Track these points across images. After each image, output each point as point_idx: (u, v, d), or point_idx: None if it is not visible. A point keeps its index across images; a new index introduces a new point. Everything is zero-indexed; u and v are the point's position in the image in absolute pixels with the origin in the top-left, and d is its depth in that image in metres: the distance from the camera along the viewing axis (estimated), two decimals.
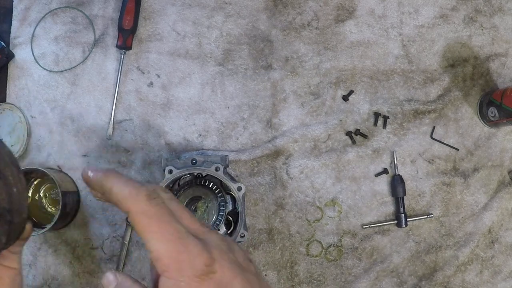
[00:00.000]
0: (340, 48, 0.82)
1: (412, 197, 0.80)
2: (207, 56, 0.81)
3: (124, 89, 0.80)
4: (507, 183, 0.81)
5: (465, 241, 0.79)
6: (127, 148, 0.79)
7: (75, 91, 0.80)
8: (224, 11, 0.81)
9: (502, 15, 0.84)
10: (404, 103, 0.81)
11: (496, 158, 0.81)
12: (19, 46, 0.80)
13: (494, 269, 0.79)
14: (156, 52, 0.80)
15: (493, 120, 0.78)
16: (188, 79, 0.80)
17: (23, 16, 0.81)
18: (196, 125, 0.79)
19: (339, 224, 0.79)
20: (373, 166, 0.80)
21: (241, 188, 0.70)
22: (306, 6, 0.82)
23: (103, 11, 0.81)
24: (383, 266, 0.78)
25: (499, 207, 0.80)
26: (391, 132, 0.80)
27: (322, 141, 0.80)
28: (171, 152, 0.79)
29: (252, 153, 0.78)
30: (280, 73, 0.81)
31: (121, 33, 0.78)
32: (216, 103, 0.80)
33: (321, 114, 0.80)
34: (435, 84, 0.82)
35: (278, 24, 0.82)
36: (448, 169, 0.80)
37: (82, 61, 0.80)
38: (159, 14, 0.81)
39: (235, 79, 0.80)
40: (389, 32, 0.82)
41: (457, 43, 0.83)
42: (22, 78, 0.80)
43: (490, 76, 0.83)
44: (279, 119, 0.80)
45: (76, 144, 0.79)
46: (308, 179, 0.79)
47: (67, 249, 0.77)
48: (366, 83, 0.81)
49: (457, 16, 0.83)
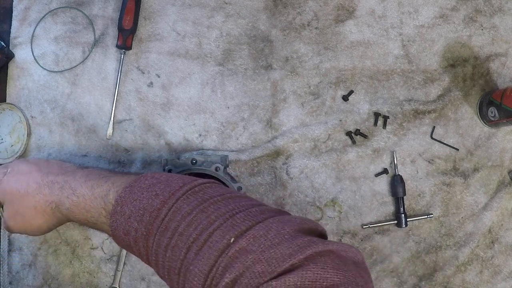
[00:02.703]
0: (340, 48, 0.82)
1: (412, 197, 0.80)
2: (207, 56, 0.81)
3: (124, 89, 0.80)
4: (507, 183, 0.81)
5: (465, 241, 0.79)
6: (127, 148, 0.79)
7: (75, 91, 0.80)
8: (224, 11, 0.81)
9: (502, 15, 0.84)
10: (404, 103, 0.81)
11: (496, 158, 0.81)
12: (19, 46, 0.80)
13: (494, 269, 0.79)
14: (156, 52, 0.80)
15: (493, 120, 0.78)
16: (188, 79, 0.80)
17: (23, 16, 0.81)
18: (196, 125, 0.79)
19: (339, 224, 0.79)
20: (373, 166, 0.80)
21: (241, 188, 0.70)
22: (306, 6, 0.82)
23: (103, 11, 0.81)
24: (383, 266, 0.78)
25: (499, 207, 0.80)
26: (391, 132, 0.80)
27: (322, 141, 0.80)
28: (171, 152, 0.79)
29: (252, 153, 0.78)
30: (280, 73, 0.81)
31: (121, 33, 0.78)
32: (216, 103, 0.80)
33: (321, 114, 0.80)
34: (435, 84, 0.82)
35: (278, 24, 0.82)
36: (448, 169, 0.80)
37: (82, 61, 0.80)
38: (159, 14, 0.81)
39: (235, 79, 0.80)
40: (389, 32, 0.82)
41: (457, 43, 0.83)
42: (22, 78, 0.80)
43: (490, 76, 0.83)
44: (279, 119, 0.80)
45: (76, 144, 0.79)
46: (308, 179, 0.79)
47: (67, 249, 0.77)
48: (366, 83, 0.81)
49: (457, 16, 0.83)
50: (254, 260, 0.39)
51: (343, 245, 0.42)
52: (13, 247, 0.77)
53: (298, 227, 0.43)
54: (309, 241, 0.40)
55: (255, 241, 0.40)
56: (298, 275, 0.37)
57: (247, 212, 0.44)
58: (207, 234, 0.43)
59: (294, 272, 0.37)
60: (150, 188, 0.49)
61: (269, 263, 0.38)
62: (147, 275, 0.76)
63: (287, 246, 0.39)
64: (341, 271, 0.38)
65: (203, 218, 0.44)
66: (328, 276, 0.37)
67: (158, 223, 0.46)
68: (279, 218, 0.44)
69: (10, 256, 0.77)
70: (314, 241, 0.40)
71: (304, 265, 0.38)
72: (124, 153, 0.79)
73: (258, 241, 0.40)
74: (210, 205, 0.46)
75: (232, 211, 0.45)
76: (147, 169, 0.78)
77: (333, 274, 0.38)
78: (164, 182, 0.50)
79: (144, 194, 0.49)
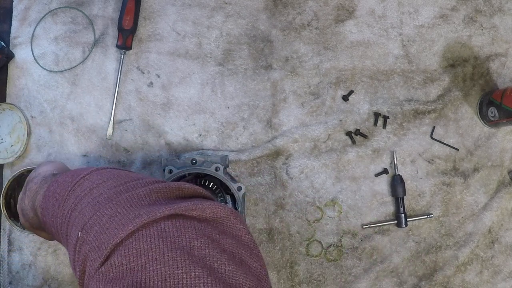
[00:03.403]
0: (340, 48, 0.82)
1: (412, 197, 0.80)
2: (207, 56, 0.81)
3: (124, 89, 0.80)
4: (507, 183, 0.81)
5: (465, 241, 0.79)
6: (127, 148, 0.79)
7: (75, 91, 0.80)
8: (224, 11, 0.81)
9: (502, 15, 0.84)
10: (404, 103, 0.81)
11: (496, 158, 0.81)
12: (19, 46, 0.80)
13: (494, 269, 0.79)
14: (156, 52, 0.80)
15: (493, 120, 0.78)
16: (188, 79, 0.80)
17: (23, 16, 0.81)
18: (196, 125, 0.79)
19: (339, 224, 0.79)
20: (373, 166, 0.80)
21: (241, 188, 0.70)
22: (306, 6, 0.82)
23: (103, 11, 0.81)
24: (383, 266, 0.78)
25: (499, 207, 0.80)
26: (391, 132, 0.80)
27: (322, 141, 0.80)
28: (171, 152, 0.79)
29: (252, 153, 0.78)
30: (280, 73, 0.81)
31: (121, 33, 0.78)
32: (216, 103, 0.80)
33: (321, 114, 0.80)
34: (435, 84, 0.82)
35: (278, 24, 0.82)
36: (448, 169, 0.80)
37: (82, 61, 0.80)
38: (159, 14, 0.81)
39: (235, 79, 0.80)
40: (389, 32, 0.82)
41: (457, 43, 0.83)
42: (22, 78, 0.80)
43: (490, 76, 0.83)
44: (279, 119, 0.80)
45: (76, 144, 0.79)
46: (308, 179, 0.79)
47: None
48: (366, 83, 0.81)
49: (457, 16, 0.83)
50: (90, 249, 0.39)
51: (194, 202, 0.40)
52: (13, 247, 0.77)
53: (142, 198, 0.42)
54: (138, 214, 0.39)
55: (91, 230, 0.40)
56: (121, 254, 0.36)
57: (94, 201, 0.45)
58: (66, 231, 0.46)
59: (117, 251, 0.36)
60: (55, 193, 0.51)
61: (99, 248, 0.38)
62: None
63: (114, 227, 0.39)
64: (168, 239, 0.37)
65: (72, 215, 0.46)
66: (151, 247, 0.36)
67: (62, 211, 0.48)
68: (122, 198, 0.43)
69: (10, 256, 0.77)
70: (146, 212, 0.39)
71: (126, 243, 0.37)
72: (124, 153, 0.79)
73: (93, 230, 0.40)
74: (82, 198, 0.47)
75: (85, 203, 0.45)
76: (147, 169, 0.78)
77: (158, 243, 0.36)
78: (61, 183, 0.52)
79: (51, 201, 0.51)
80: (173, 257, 0.35)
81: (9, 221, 0.73)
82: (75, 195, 0.47)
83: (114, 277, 0.35)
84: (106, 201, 0.43)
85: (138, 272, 0.35)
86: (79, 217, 0.43)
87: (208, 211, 0.41)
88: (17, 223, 0.73)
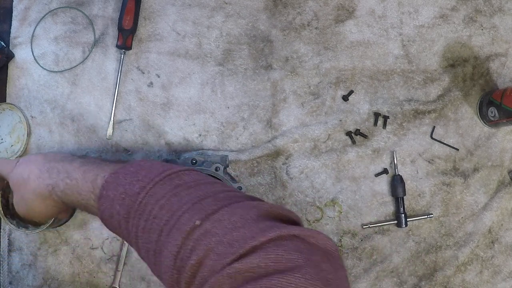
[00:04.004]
0: (340, 48, 0.82)
1: (412, 197, 0.80)
2: (207, 56, 0.81)
3: (124, 89, 0.80)
4: (507, 183, 0.81)
5: (465, 241, 0.79)
6: (127, 148, 0.79)
7: (75, 91, 0.80)
8: (224, 11, 0.81)
9: (502, 15, 0.84)
10: (404, 103, 0.81)
11: (496, 158, 0.81)
12: (19, 46, 0.80)
13: (494, 269, 0.79)
14: (156, 52, 0.80)
15: (493, 120, 0.78)
16: (188, 79, 0.80)
17: (23, 16, 0.81)
18: (196, 125, 0.79)
19: (339, 224, 0.79)
20: (373, 166, 0.80)
21: (241, 188, 0.70)
22: (306, 6, 0.82)
23: (103, 11, 0.81)
24: (383, 266, 0.78)
25: (499, 207, 0.80)
26: (391, 132, 0.80)
27: (322, 141, 0.80)
28: (171, 152, 0.79)
29: (252, 153, 0.78)
30: (280, 73, 0.81)
31: (121, 33, 0.78)
32: (216, 103, 0.80)
33: (321, 114, 0.81)
34: (435, 84, 0.82)
35: (278, 24, 0.82)
36: (448, 169, 0.81)
37: (82, 61, 0.80)
38: (159, 14, 0.81)
39: (235, 79, 0.80)
40: (389, 32, 0.82)
41: (457, 43, 0.83)
42: (22, 78, 0.80)
43: (490, 76, 0.83)
44: (279, 119, 0.80)
45: (76, 144, 0.79)
46: (308, 179, 0.79)
47: (67, 249, 0.77)
48: (366, 83, 0.81)
49: (457, 16, 0.83)
50: (217, 242, 0.39)
51: (311, 231, 0.41)
52: (13, 247, 0.77)
53: (263, 212, 0.43)
54: (272, 225, 0.40)
55: (219, 224, 0.41)
56: (261, 256, 0.37)
57: (215, 197, 0.46)
58: (177, 217, 0.44)
59: (256, 253, 0.37)
60: (133, 174, 0.51)
61: (231, 245, 0.39)
62: (147, 275, 0.76)
63: (249, 229, 0.40)
64: (304, 254, 0.38)
65: (174, 202, 0.46)
66: (291, 258, 0.37)
67: (136, 207, 0.48)
68: (246, 203, 0.44)
69: (10, 256, 0.77)
70: (277, 225, 0.40)
71: (266, 247, 0.38)
72: (124, 153, 0.79)
73: (222, 224, 0.41)
74: (183, 190, 0.47)
75: (202, 196, 0.46)
76: None
77: (297, 256, 0.37)
78: (147, 169, 0.52)
79: (127, 179, 0.51)
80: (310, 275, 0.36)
81: (4, 219, 0.73)
82: (174, 184, 0.48)
83: (250, 277, 0.36)
84: (227, 199, 0.45)
85: (274, 276, 0.36)
86: (193, 206, 0.44)
87: (319, 241, 0.41)
88: (13, 221, 0.73)
